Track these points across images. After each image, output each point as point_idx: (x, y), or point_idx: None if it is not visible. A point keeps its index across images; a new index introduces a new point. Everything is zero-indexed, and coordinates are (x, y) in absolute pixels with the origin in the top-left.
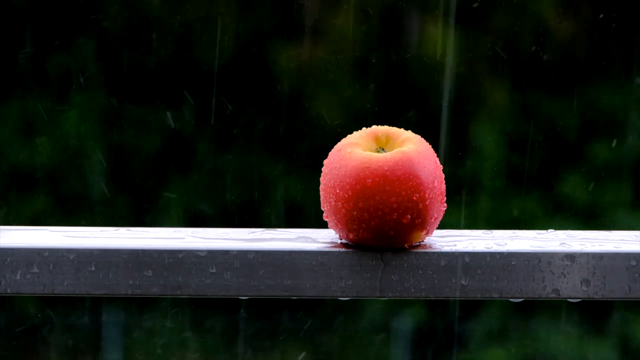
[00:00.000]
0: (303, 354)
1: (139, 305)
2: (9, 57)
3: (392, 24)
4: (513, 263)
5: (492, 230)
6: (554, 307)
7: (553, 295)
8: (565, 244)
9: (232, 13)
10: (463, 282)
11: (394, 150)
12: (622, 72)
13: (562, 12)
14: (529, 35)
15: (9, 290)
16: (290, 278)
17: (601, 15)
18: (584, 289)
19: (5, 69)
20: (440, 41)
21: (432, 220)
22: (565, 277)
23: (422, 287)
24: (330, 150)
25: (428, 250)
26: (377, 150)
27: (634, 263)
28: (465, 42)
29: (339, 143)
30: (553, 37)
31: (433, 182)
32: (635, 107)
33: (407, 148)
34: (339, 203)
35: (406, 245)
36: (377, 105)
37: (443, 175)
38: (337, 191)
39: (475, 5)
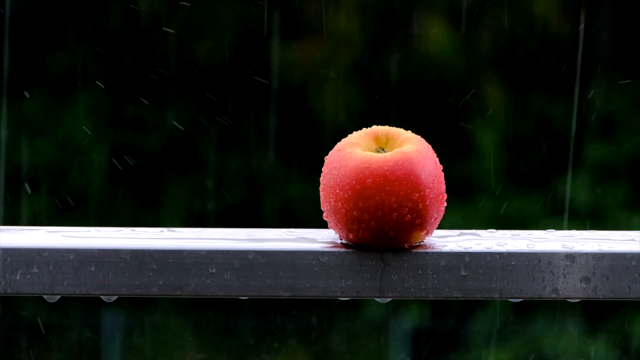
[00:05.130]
0: (303, 353)
1: (139, 305)
2: (10, 57)
3: (392, 23)
4: (513, 263)
5: (492, 230)
6: (554, 307)
7: (553, 295)
8: (565, 244)
9: (232, 12)
10: (463, 282)
11: (394, 151)
12: (621, 72)
13: (562, 12)
14: (529, 36)
15: (9, 290)
16: (290, 278)
17: (601, 16)
18: (584, 289)
19: (6, 69)
20: (440, 41)
21: (432, 220)
22: (565, 277)
23: (422, 287)
24: (330, 150)
25: (428, 250)
26: (377, 150)
27: (634, 263)
28: (465, 42)
29: (339, 143)
30: (553, 37)
31: (433, 182)
32: (634, 107)
33: (407, 148)
34: (339, 203)
35: (406, 245)
36: (376, 105)
37: (443, 175)
38: (337, 191)
39: (475, 5)
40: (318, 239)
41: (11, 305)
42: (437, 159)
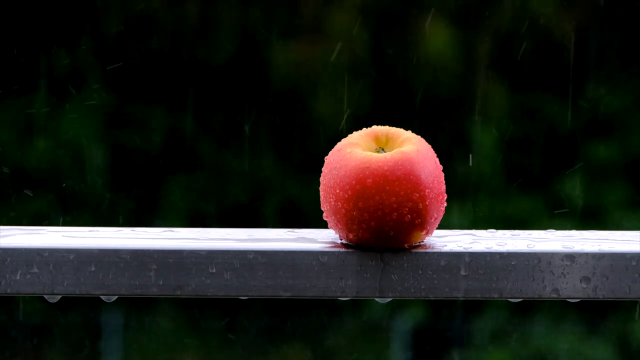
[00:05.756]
0: (303, 353)
1: (139, 306)
2: (9, 57)
3: (391, 23)
4: (513, 263)
5: (492, 230)
6: (554, 307)
7: (553, 296)
8: (565, 244)
9: (232, 12)
10: (463, 282)
11: (394, 151)
12: (621, 73)
13: (562, 12)
14: (529, 35)
15: (9, 290)
16: (290, 278)
17: (601, 15)
18: (584, 289)
19: (6, 69)
20: (440, 41)
21: (432, 220)
22: (565, 277)
23: (422, 287)
24: (330, 150)
25: (428, 250)
26: (377, 150)
27: (634, 263)
28: (464, 42)
29: (339, 143)
30: (553, 37)
31: (433, 182)
32: (634, 107)
33: (407, 148)
34: (339, 203)
35: (406, 245)
36: (376, 105)
37: (443, 175)
38: (337, 191)
39: (475, 5)
40: (318, 239)
41: (10, 305)
42: (437, 159)
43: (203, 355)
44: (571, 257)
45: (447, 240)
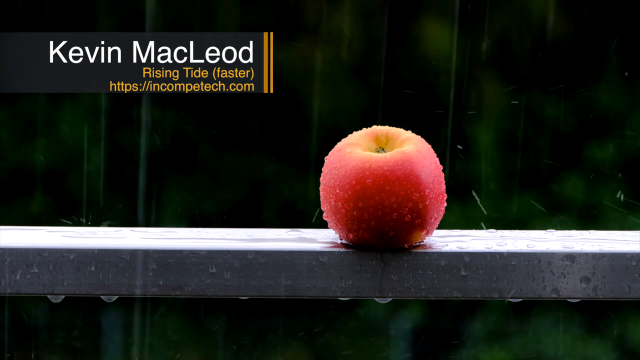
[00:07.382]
0: (302, 354)
1: (138, 306)
2: None
3: (391, 23)
4: (513, 263)
5: (492, 230)
6: (554, 307)
7: (553, 295)
8: (565, 244)
9: (230, 11)
10: (463, 282)
11: (394, 151)
12: (620, 72)
13: (561, 11)
14: (528, 35)
15: (8, 290)
16: (290, 278)
17: (600, 14)
18: (584, 289)
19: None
20: (440, 40)
21: (432, 220)
22: (565, 277)
23: (422, 287)
24: (330, 150)
25: (428, 250)
26: (377, 150)
27: (634, 263)
28: (465, 42)
29: (339, 143)
30: (551, 36)
31: (433, 182)
32: (634, 106)
33: (407, 148)
34: (339, 203)
35: (406, 245)
36: (377, 105)
37: (443, 175)
38: (337, 191)
39: (474, 4)
40: (318, 239)
41: (10, 305)
42: (437, 159)
43: (203, 356)
44: (571, 257)
45: (447, 240)
